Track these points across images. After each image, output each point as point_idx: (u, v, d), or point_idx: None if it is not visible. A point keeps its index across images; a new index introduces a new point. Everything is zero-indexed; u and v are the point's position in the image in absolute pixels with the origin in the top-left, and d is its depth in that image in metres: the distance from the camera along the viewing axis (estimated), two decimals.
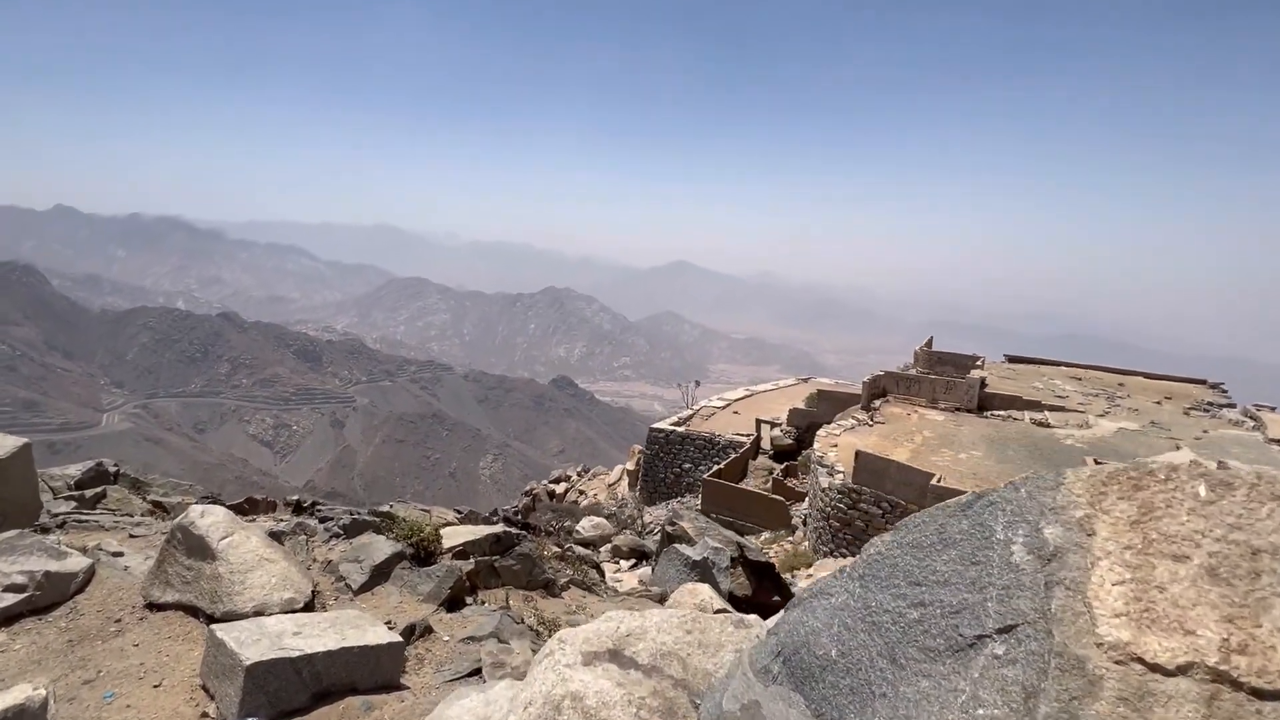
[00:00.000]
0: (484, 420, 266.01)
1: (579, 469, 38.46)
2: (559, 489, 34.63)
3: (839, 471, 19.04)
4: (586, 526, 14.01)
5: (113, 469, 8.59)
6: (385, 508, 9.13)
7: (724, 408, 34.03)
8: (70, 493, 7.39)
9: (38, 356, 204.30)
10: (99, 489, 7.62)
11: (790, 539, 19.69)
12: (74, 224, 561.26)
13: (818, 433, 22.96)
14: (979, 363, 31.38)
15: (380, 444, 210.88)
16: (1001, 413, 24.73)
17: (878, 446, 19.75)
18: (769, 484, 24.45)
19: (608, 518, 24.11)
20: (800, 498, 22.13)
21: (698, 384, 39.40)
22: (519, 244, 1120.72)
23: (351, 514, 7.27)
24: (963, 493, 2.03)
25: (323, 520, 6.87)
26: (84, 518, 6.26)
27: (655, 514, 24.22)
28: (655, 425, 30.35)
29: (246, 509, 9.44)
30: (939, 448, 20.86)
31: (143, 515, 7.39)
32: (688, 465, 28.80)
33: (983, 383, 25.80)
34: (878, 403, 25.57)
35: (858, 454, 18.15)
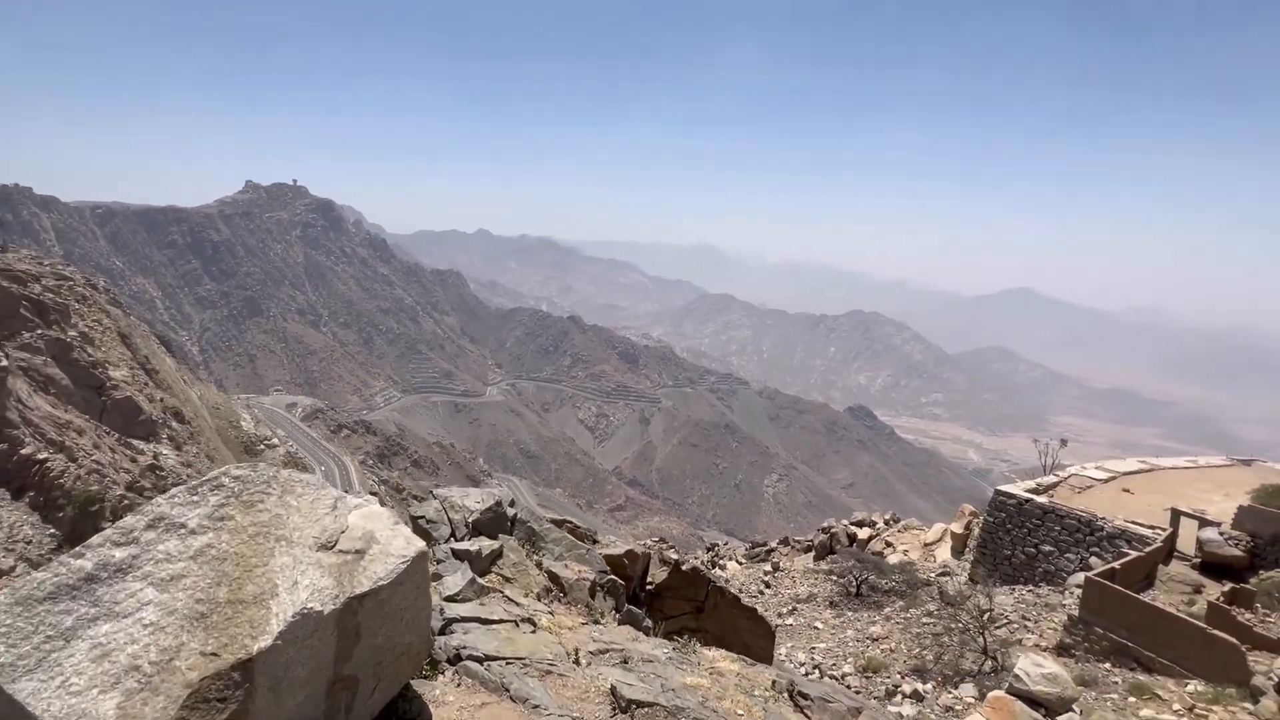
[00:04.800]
0: (773, 438, 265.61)
1: (887, 515, 33.71)
2: (861, 534, 30.67)
3: None
4: (1032, 673, 10.63)
5: (510, 511, 8.79)
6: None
7: (1106, 481, 25.80)
8: (465, 545, 7.43)
9: (455, 339, 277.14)
10: (496, 546, 7.58)
11: (1248, 706, 13.00)
12: (486, 242, 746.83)
13: None
14: None
15: (677, 445, 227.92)
16: None
17: None
18: (1194, 604, 17.08)
19: (943, 599, 19.70)
20: (1262, 644, 14.69)
21: (1063, 443, 30.91)
22: (824, 265, 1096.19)
23: None
24: None
25: None
26: (484, 647, 5.04)
27: (1004, 601, 19.10)
28: (1004, 488, 24.46)
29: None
30: None
31: (539, 594, 7.24)
32: (1048, 549, 22.33)
33: None
34: None
35: None
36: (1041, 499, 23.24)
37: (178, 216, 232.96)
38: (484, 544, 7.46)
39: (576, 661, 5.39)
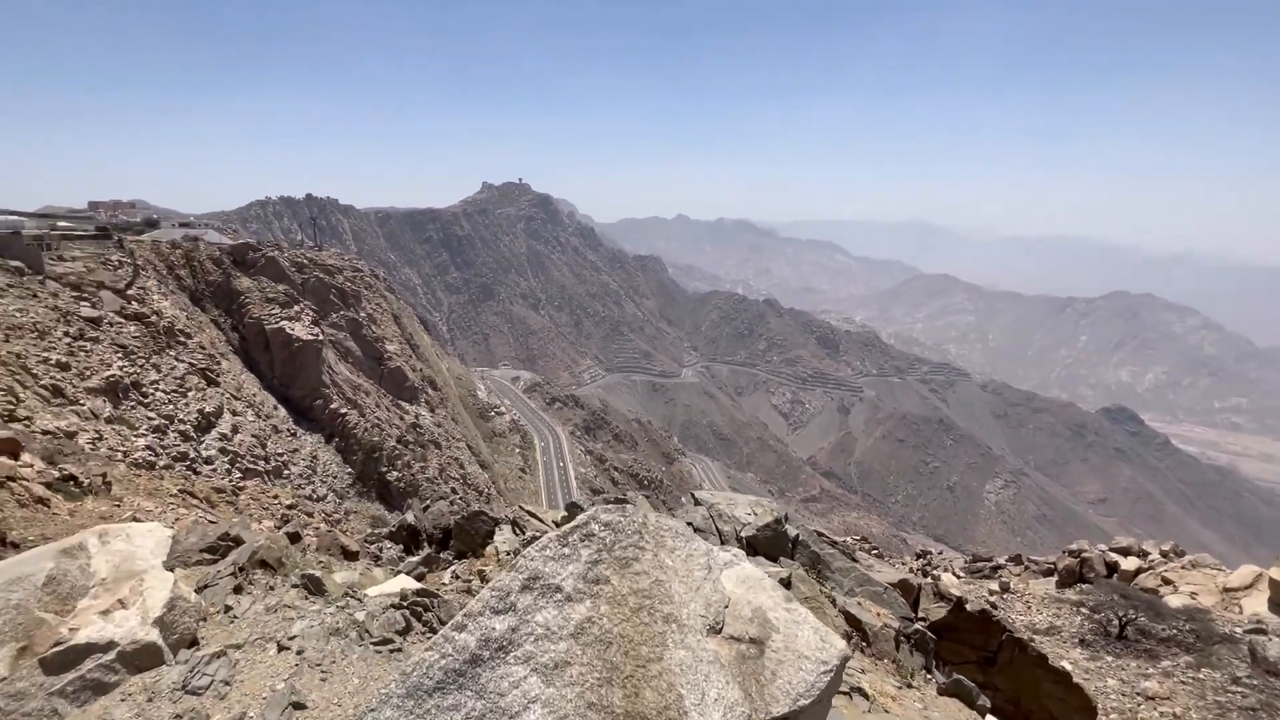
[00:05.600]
0: (999, 439, 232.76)
1: (1165, 546, 27.15)
2: (1126, 564, 25.07)
3: None
4: None
5: (791, 530, 7.75)
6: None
7: None
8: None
9: (654, 321, 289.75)
10: (783, 574, 6.51)
11: None
12: (685, 227, 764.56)
13: None
14: None
15: (880, 438, 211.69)
16: None
17: None
18: None
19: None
20: None
21: None
22: (1073, 238, 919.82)
23: None
24: None
25: None
26: None
27: None
28: None
29: None
30: None
31: None
32: None
33: None
34: None
35: None
36: None
37: (433, 216, 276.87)
38: (773, 571, 6.63)
39: None
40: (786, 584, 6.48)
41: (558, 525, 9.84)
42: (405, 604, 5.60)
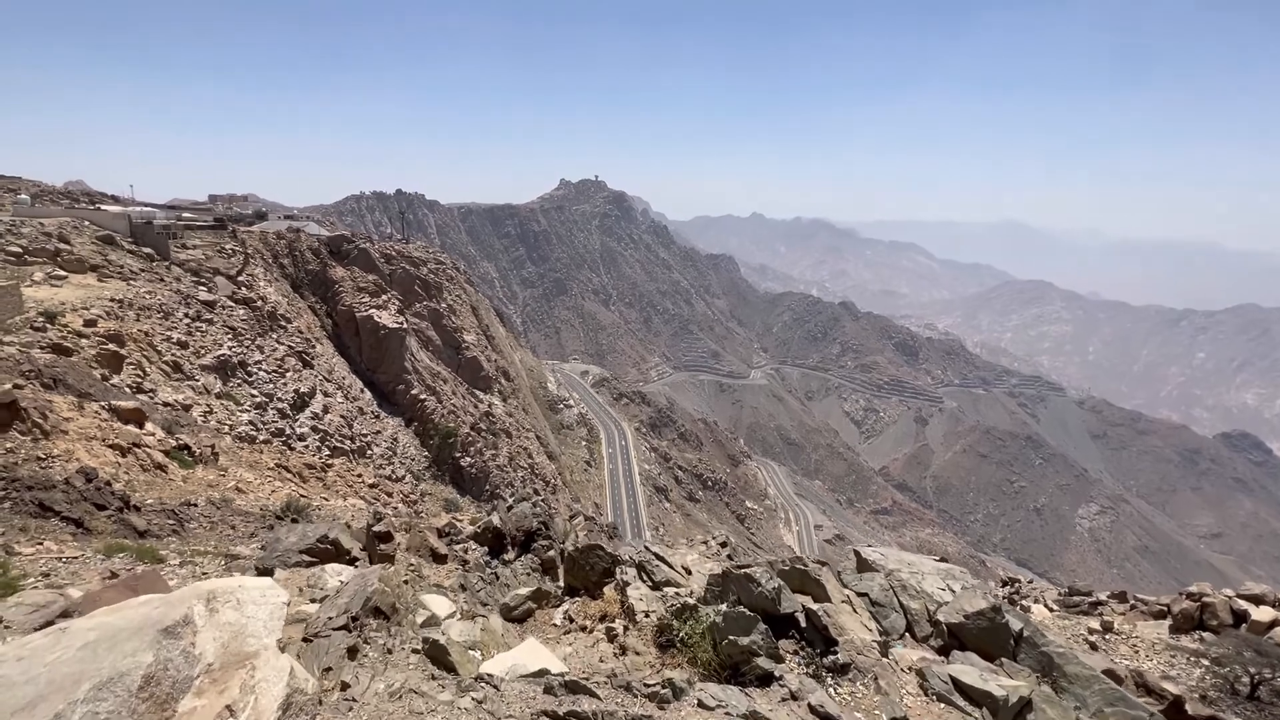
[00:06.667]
0: (1096, 460, 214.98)
1: None
2: (1258, 614, 22.29)
3: None
4: None
5: (1015, 624, 6.31)
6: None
7: None
8: (977, 682, 5.18)
9: (724, 321, 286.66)
10: (1022, 691, 5.29)
11: None
12: (760, 226, 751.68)
13: None
14: None
15: (960, 452, 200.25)
16: None
17: None
18: None
19: None
20: None
21: None
22: (1197, 243, 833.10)
23: None
24: None
25: None
26: None
27: None
28: None
29: None
30: None
31: None
32: None
33: None
34: None
35: None
36: None
37: (511, 212, 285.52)
38: (1007, 686, 5.25)
39: None
40: (1026, 706, 5.17)
41: (689, 572, 8.07)
42: (558, 713, 4.58)
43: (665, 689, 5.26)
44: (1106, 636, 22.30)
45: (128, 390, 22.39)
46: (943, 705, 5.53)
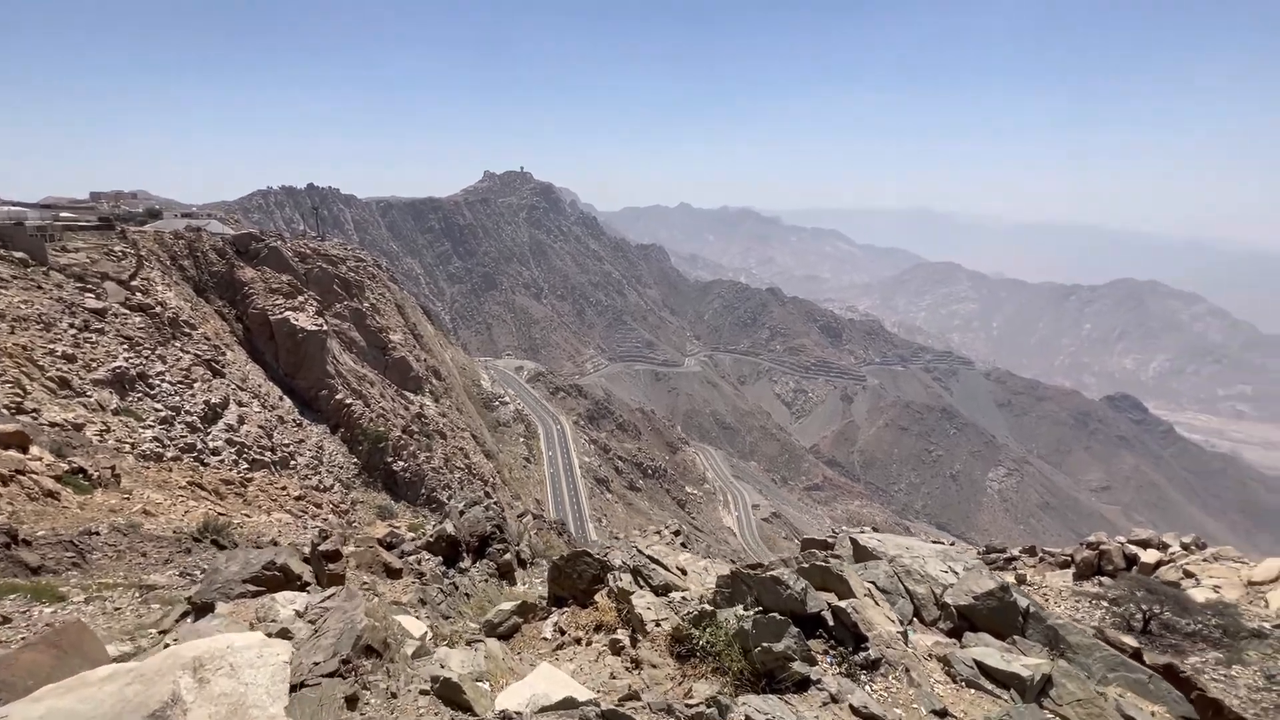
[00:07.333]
0: (1001, 427, 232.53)
1: (1186, 539, 26.86)
2: (1145, 556, 24.81)
3: None
4: None
5: (1021, 601, 6.31)
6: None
7: None
8: (1002, 664, 5.08)
9: (656, 310, 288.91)
10: (1044, 668, 5.20)
11: None
12: (687, 216, 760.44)
13: None
14: None
15: (883, 426, 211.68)
16: None
17: None
18: None
19: None
20: None
21: None
22: (1084, 226, 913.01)
23: None
24: None
25: None
26: None
27: None
28: None
29: None
30: None
31: None
32: None
33: None
34: None
35: None
36: None
37: (434, 206, 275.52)
38: (1030, 665, 5.27)
39: None
40: (1047, 682, 5.23)
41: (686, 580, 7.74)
42: None
43: (710, 708, 4.90)
44: (1023, 588, 24.21)
45: (5, 412, 20.13)
46: (973, 691, 5.47)
